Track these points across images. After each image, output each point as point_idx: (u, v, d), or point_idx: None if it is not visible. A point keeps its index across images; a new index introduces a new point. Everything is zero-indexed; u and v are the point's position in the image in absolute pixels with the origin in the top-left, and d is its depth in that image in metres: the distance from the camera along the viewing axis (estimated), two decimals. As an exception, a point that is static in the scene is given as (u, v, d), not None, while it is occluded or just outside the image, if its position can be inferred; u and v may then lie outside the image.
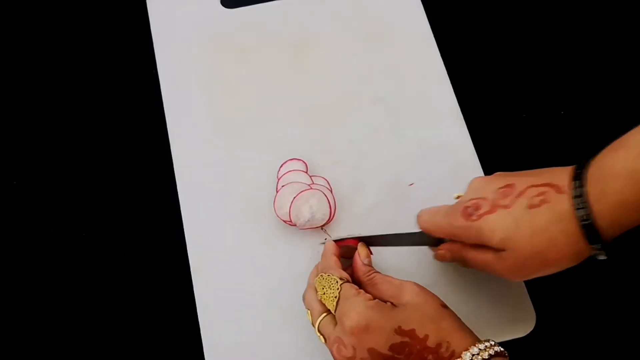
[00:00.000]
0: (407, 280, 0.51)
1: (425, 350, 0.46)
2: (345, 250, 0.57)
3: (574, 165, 0.48)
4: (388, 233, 0.58)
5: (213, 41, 0.73)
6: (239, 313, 0.60)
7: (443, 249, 0.56)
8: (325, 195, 0.62)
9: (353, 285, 0.52)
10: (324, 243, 0.58)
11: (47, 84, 0.71)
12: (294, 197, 0.62)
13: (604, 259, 0.47)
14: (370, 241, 0.58)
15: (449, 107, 0.69)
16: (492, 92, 0.71)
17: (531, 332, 0.60)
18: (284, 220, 0.62)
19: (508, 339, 0.59)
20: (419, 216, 0.56)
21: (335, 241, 0.58)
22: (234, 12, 0.74)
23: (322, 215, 0.61)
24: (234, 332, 0.60)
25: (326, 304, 0.51)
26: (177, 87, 0.70)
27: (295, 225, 0.62)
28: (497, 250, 0.49)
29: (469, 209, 0.51)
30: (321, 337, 0.52)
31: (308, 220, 0.61)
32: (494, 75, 0.72)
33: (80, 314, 0.61)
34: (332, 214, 0.62)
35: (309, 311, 0.54)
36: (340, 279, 0.52)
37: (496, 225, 0.49)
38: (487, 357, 0.45)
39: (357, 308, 0.49)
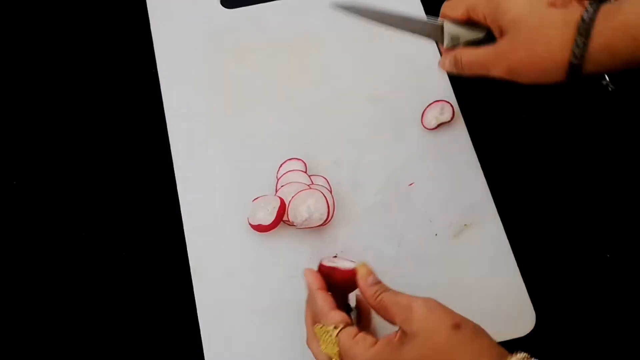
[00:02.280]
0: (415, 299, 0.47)
1: None
2: (339, 276, 0.52)
3: None
4: (394, 14, 0.57)
5: (213, 41, 0.73)
6: (238, 313, 0.60)
7: (444, 54, 0.56)
8: (324, 195, 0.62)
9: (350, 330, 0.48)
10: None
11: (47, 84, 0.71)
12: (292, 197, 0.62)
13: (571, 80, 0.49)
14: (378, 18, 0.57)
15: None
16: (492, 92, 0.71)
17: (531, 331, 0.60)
18: (282, 220, 0.62)
19: (508, 339, 0.59)
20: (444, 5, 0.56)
21: (322, 264, 0.53)
22: (234, 12, 0.74)
23: (319, 215, 0.62)
24: (233, 331, 0.60)
25: (329, 354, 0.48)
26: (177, 87, 0.70)
27: (293, 224, 0.62)
28: (499, 35, 0.51)
29: None
30: None
31: (306, 220, 0.61)
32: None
33: (81, 314, 0.61)
34: (330, 214, 0.62)
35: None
36: (335, 327, 0.48)
37: (515, 4, 0.50)
38: None
39: (361, 357, 0.46)
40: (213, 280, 0.61)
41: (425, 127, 0.67)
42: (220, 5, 0.74)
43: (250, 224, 0.62)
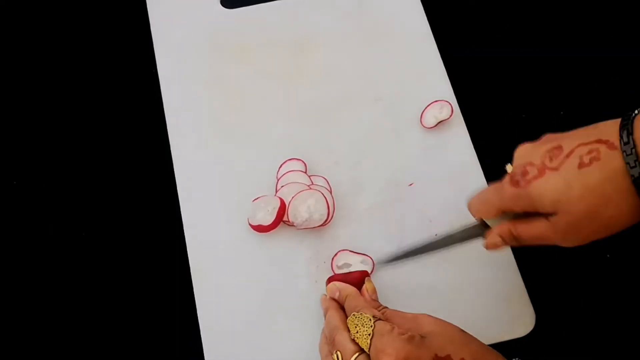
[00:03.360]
0: (417, 313, 0.50)
1: None
2: (354, 280, 0.57)
3: (620, 119, 0.47)
4: (434, 239, 0.57)
5: (213, 41, 0.73)
6: (238, 313, 0.60)
7: (491, 233, 0.53)
8: (324, 196, 0.62)
9: (386, 322, 0.50)
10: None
11: (47, 84, 0.71)
12: (292, 197, 0.62)
13: None
14: (420, 251, 0.57)
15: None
16: (492, 92, 0.71)
17: (531, 331, 0.60)
18: (282, 220, 0.62)
19: (507, 339, 0.59)
20: (469, 205, 0.54)
21: (335, 275, 0.58)
22: (234, 12, 0.74)
23: (319, 215, 0.62)
24: (233, 331, 0.60)
25: (360, 343, 0.49)
26: (177, 87, 0.70)
27: (293, 225, 0.62)
28: (548, 215, 0.48)
29: (517, 176, 0.49)
30: None
31: (306, 220, 0.61)
32: (493, 75, 0.72)
33: (80, 314, 0.61)
34: (330, 215, 0.62)
35: (337, 352, 0.51)
36: (374, 316, 0.50)
37: (546, 188, 0.47)
38: None
39: (393, 344, 0.47)
40: (213, 281, 0.61)
41: (424, 127, 0.67)
42: (220, 5, 0.74)
43: (250, 224, 0.62)
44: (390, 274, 0.60)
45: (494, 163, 0.66)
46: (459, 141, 0.68)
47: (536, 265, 0.62)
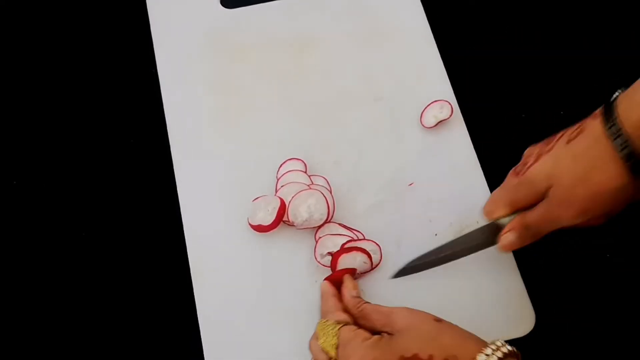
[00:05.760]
0: (395, 307, 0.50)
1: None
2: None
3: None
4: (444, 252, 0.58)
5: (213, 41, 0.73)
6: (238, 313, 0.60)
7: (504, 232, 0.55)
8: (324, 195, 0.62)
9: (351, 326, 0.51)
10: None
11: (47, 83, 0.71)
12: (292, 197, 0.62)
13: None
14: (435, 262, 0.58)
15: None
16: (492, 92, 0.71)
17: (530, 332, 0.60)
18: (282, 220, 0.62)
19: (507, 339, 0.59)
20: (484, 211, 0.57)
21: (334, 273, 0.59)
22: (234, 12, 0.74)
23: (320, 215, 0.62)
24: (233, 331, 0.60)
25: (328, 353, 0.51)
26: (176, 87, 0.70)
27: (293, 225, 0.62)
28: (547, 193, 0.51)
29: (518, 167, 0.54)
30: None
31: (306, 220, 0.61)
32: (493, 75, 0.72)
33: (80, 314, 0.61)
34: (330, 214, 0.62)
35: None
36: (338, 322, 0.51)
37: (541, 168, 0.51)
38: (500, 357, 0.44)
39: (357, 352, 0.48)
40: (213, 281, 0.61)
41: (424, 126, 0.67)
42: (220, 5, 0.74)
43: (250, 224, 0.62)
44: (390, 273, 0.60)
45: (494, 163, 0.66)
46: (459, 141, 0.68)
47: (536, 265, 0.62)
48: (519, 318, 0.60)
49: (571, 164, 0.49)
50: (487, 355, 0.44)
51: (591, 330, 0.60)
